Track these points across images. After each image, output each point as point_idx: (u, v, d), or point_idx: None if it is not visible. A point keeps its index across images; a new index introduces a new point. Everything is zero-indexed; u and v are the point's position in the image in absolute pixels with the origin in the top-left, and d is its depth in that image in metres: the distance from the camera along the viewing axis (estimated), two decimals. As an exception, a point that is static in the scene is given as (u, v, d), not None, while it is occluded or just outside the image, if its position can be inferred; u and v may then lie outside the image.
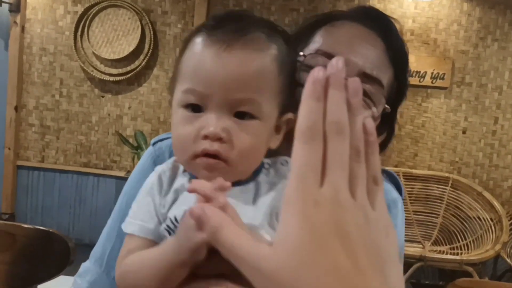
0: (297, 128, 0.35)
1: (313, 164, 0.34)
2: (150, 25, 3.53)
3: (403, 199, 0.87)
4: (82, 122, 3.73)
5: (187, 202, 0.55)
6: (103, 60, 3.62)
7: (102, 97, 3.70)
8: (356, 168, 0.35)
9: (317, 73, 0.35)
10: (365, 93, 0.72)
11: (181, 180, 0.61)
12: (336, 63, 0.35)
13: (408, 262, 2.97)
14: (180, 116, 0.58)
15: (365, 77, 0.73)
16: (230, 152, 0.56)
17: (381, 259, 0.34)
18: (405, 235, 2.74)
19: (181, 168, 0.63)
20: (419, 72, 3.39)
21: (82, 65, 3.62)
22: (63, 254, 1.10)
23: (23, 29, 3.68)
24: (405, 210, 0.86)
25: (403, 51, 0.80)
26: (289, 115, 0.62)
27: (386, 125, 0.82)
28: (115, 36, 3.57)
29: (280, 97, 0.60)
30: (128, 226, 0.60)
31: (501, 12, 3.36)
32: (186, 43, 0.61)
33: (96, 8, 3.55)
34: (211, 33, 0.58)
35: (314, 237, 0.32)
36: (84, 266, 0.82)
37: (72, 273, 0.91)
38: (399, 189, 0.87)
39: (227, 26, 0.58)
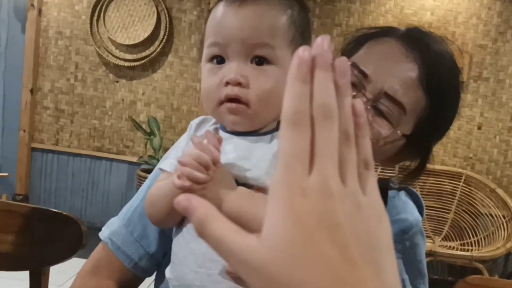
0: (283, 113, 0.34)
1: (300, 151, 0.32)
2: (166, 11, 3.52)
3: (423, 219, 0.87)
4: (96, 106, 3.75)
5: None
6: (118, 45, 3.63)
7: (117, 82, 3.71)
8: (346, 153, 0.33)
9: (302, 54, 0.34)
10: (381, 113, 0.74)
11: (205, 128, 0.69)
12: (321, 42, 0.33)
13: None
14: (207, 69, 0.66)
15: (386, 97, 0.74)
16: (250, 95, 0.63)
17: (373, 249, 0.33)
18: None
19: (210, 123, 0.71)
20: (436, 65, 3.35)
21: (98, 49, 3.64)
22: (76, 237, 1.11)
23: (40, 12, 3.69)
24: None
25: (444, 73, 0.77)
26: None
27: (420, 149, 0.80)
28: (131, 22, 3.57)
29: (292, 47, 0.65)
30: (162, 163, 0.71)
31: (522, 7, 3.30)
32: (211, 10, 0.68)
33: (113, -7, 3.56)
34: None
35: (301, 229, 0.31)
36: (112, 219, 0.87)
37: (85, 255, 0.93)
38: (420, 208, 0.88)
39: None
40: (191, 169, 0.56)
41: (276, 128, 0.67)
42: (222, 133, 0.68)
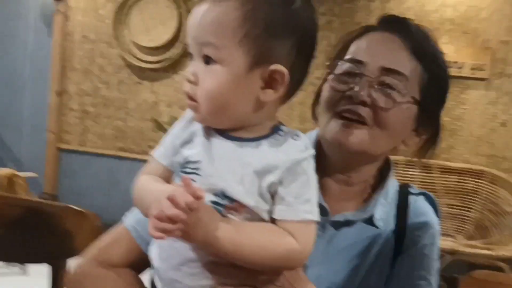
0: None
1: None
2: (187, 14, 3.58)
3: (440, 220, 0.93)
4: (120, 108, 3.84)
5: (196, 146, 0.69)
6: (141, 48, 3.71)
7: (139, 84, 3.80)
8: None
9: None
10: (389, 86, 0.82)
11: (199, 126, 0.71)
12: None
13: (439, 255, 2.94)
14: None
15: (385, 70, 0.83)
16: (198, 93, 0.65)
17: None
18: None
19: None
20: (458, 62, 3.31)
21: (121, 52, 3.73)
22: (92, 232, 1.16)
23: (66, 17, 3.81)
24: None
25: (426, 43, 0.87)
26: (274, 66, 0.65)
27: (430, 118, 0.88)
28: (153, 25, 3.65)
29: (249, 46, 0.64)
30: (155, 151, 0.75)
31: (547, 1, 3.23)
32: None
33: (135, -3, 3.64)
34: None
35: None
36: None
37: None
38: (436, 211, 0.94)
39: None
40: (162, 222, 0.58)
41: (266, 136, 0.68)
42: (214, 133, 0.69)
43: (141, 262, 0.85)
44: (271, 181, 0.65)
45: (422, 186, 3.28)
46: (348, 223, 0.88)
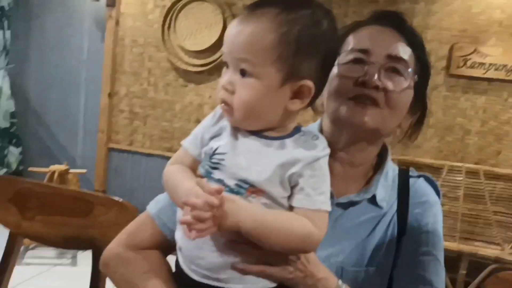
0: None
1: None
2: (232, 18, 3.67)
3: (440, 202, 0.99)
4: (167, 109, 3.98)
5: (224, 140, 0.78)
6: (187, 52, 3.83)
7: (185, 86, 3.92)
8: None
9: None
10: (396, 70, 0.91)
11: (227, 122, 0.80)
12: None
13: (483, 263, 2.87)
14: (223, 71, 0.78)
15: (391, 58, 0.91)
16: (233, 100, 0.74)
17: None
18: (483, 235, 2.69)
19: None
20: (506, 65, 3.21)
21: (168, 56, 3.86)
22: (131, 221, 1.24)
23: (117, 22, 3.99)
24: (485, 210, 1.01)
25: (415, 34, 0.96)
26: (303, 82, 0.74)
27: (419, 101, 0.97)
28: (199, 29, 3.76)
29: (282, 64, 0.73)
30: (185, 140, 0.86)
31: None
32: None
33: (182, 2, 3.76)
34: (243, 11, 0.76)
35: None
36: (160, 195, 1.02)
37: None
38: (437, 193, 1.00)
39: (253, 5, 0.75)
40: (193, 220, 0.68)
41: (289, 135, 0.78)
42: (243, 130, 0.78)
43: (165, 247, 0.93)
44: (293, 172, 0.73)
45: (468, 193, 3.21)
46: (352, 203, 0.94)
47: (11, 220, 1.31)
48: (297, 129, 0.79)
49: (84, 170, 3.59)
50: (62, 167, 3.22)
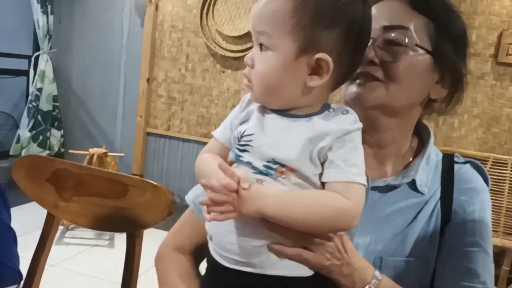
0: None
1: None
2: (270, 3, 3.62)
3: (489, 189, 0.92)
4: (204, 95, 3.99)
5: (251, 122, 0.76)
6: (225, 37, 3.81)
7: (223, 72, 3.91)
8: None
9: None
10: (392, 42, 0.83)
11: (255, 106, 0.77)
12: None
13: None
14: None
15: (387, 28, 0.84)
16: (252, 75, 0.73)
17: None
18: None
19: None
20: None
21: (206, 41, 3.86)
22: (166, 206, 1.23)
23: (157, 7, 4.01)
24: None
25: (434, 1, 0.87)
26: (320, 55, 0.70)
27: (450, 72, 0.88)
28: (237, 14, 3.73)
29: (299, 35, 0.70)
30: (215, 131, 0.84)
31: None
32: None
33: (221, -13, 3.74)
34: None
35: None
36: (197, 185, 1.02)
37: (169, 225, 1.07)
38: (486, 181, 0.93)
39: None
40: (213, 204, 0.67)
41: (317, 112, 0.74)
42: (269, 111, 0.76)
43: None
44: (322, 146, 0.70)
45: (513, 186, 3.07)
46: (390, 188, 0.89)
47: (48, 199, 1.33)
48: (326, 106, 0.75)
49: (122, 154, 3.64)
50: (101, 150, 3.28)
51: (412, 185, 0.88)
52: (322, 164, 0.71)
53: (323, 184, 0.71)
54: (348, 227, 0.73)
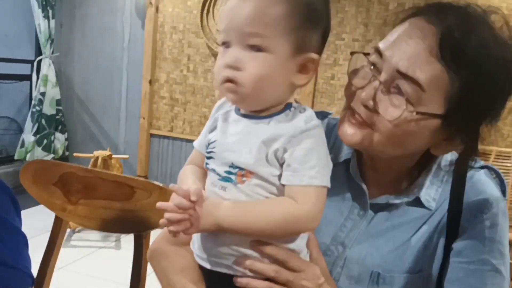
0: None
1: None
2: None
3: (505, 199, 0.84)
4: (206, 95, 4.00)
5: (217, 129, 0.77)
6: (226, 37, 3.81)
7: (225, 72, 3.91)
8: None
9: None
10: (400, 91, 0.74)
11: (222, 110, 0.78)
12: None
13: None
14: (219, 52, 0.73)
15: (399, 73, 0.74)
16: (242, 77, 0.69)
17: None
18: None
19: (228, 103, 0.79)
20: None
21: (207, 42, 3.87)
22: (172, 206, 1.25)
23: (157, 9, 4.03)
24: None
25: (467, 41, 0.71)
26: (310, 55, 0.71)
27: (464, 133, 0.77)
28: (238, 14, 3.73)
29: (292, 36, 0.69)
30: (195, 142, 0.84)
31: None
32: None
33: (221, -13, 3.75)
34: None
35: None
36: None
37: None
38: (503, 190, 0.85)
39: None
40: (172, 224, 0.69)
41: (279, 112, 0.74)
42: (233, 114, 0.77)
43: None
44: (276, 147, 0.70)
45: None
46: (390, 206, 0.86)
47: (56, 203, 1.34)
48: (288, 106, 0.74)
49: (126, 156, 3.66)
50: (106, 152, 3.29)
51: (416, 202, 0.84)
52: (282, 165, 0.71)
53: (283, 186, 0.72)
54: (305, 230, 0.75)
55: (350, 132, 0.79)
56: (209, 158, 0.76)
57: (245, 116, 0.75)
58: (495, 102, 0.75)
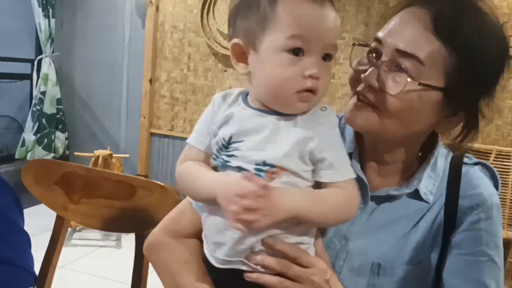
0: None
1: None
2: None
3: (498, 194, 0.88)
4: (207, 94, 4.00)
5: (233, 126, 0.74)
6: (226, 36, 3.82)
7: (225, 71, 3.92)
8: None
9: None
10: (401, 69, 0.79)
11: (233, 109, 0.76)
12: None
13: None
14: (282, 59, 0.70)
15: (400, 52, 0.79)
16: (320, 86, 0.72)
17: None
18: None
19: (231, 98, 0.79)
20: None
21: (208, 41, 3.87)
22: (173, 204, 1.25)
23: (157, 8, 4.03)
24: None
25: (460, 20, 0.78)
26: None
27: (465, 108, 0.83)
28: (238, 13, 3.73)
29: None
30: (190, 139, 0.82)
31: None
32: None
33: (221, -14, 3.75)
34: None
35: None
36: None
37: None
38: (496, 185, 0.89)
39: None
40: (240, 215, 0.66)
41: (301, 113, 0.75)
42: (247, 109, 0.76)
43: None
44: (312, 147, 0.71)
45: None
46: (391, 197, 0.88)
47: (58, 202, 1.35)
48: None
49: (127, 155, 3.67)
50: (106, 151, 3.30)
51: (415, 194, 0.87)
52: (315, 162, 0.73)
53: (318, 182, 0.74)
54: (350, 218, 0.78)
55: (357, 116, 0.83)
56: (230, 156, 0.74)
57: (265, 111, 0.74)
58: (490, 76, 0.82)
